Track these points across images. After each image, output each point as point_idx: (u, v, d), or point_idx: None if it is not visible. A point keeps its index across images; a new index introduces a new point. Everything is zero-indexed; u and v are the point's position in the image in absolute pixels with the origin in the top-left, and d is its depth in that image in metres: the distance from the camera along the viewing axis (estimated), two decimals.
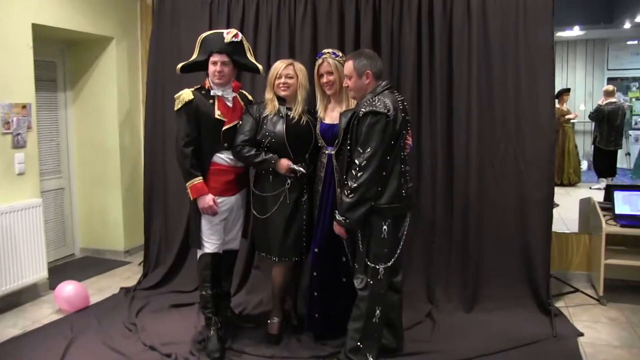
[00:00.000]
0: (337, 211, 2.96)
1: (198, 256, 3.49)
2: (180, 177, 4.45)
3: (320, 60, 3.35)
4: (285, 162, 3.31)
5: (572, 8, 4.15)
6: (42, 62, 4.97)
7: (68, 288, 4.06)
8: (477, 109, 4.02)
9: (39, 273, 4.32)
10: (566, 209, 4.49)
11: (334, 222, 2.98)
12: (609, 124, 6.91)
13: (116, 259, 5.35)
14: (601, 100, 7.23)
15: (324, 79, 3.33)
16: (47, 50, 5.06)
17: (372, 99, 2.89)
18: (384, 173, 2.86)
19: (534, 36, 3.94)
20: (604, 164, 7.12)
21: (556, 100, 7.34)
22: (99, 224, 5.48)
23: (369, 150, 2.79)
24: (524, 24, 3.94)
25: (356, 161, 2.82)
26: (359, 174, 2.80)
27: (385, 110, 2.81)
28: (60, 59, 5.34)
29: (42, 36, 4.58)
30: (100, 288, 4.57)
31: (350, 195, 2.83)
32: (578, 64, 8.53)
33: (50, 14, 4.48)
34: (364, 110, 2.85)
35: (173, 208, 4.72)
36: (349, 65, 2.99)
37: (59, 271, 4.90)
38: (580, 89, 8.31)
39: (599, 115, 7.08)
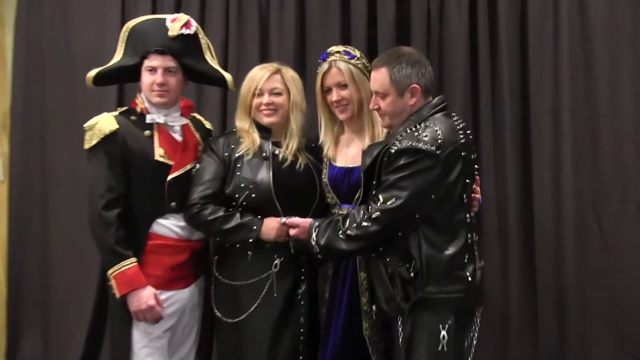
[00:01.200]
0: (315, 233, 3.21)
1: None
2: (75, 259, 4.78)
3: (325, 66, 3.54)
4: (273, 223, 3.44)
5: None
6: None
7: None
8: (570, 133, 4.34)
9: None
10: None
11: (296, 233, 3.34)
12: None
13: None
14: None
15: (334, 96, 3.51)
16: None
17: (414, 127, 3.08)
18: (415, 239, 3.05)
19: None
20: None
21: None
22: None
23: (392, 201, 2.99)
24: None
25: (370, 206, 3.06)
26: (363, 223, 3.04)
27: (432, 148, 2.96)
28: None
29: None
30: None
31: (342, 238, 3.12)
32: None
33: None
34: (398, 145, 3.02)
35: (60, 314, 4.85)
36: (380, 76, 3.15)
37: None
38: None
39: None
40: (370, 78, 3.36)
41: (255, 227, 3.42)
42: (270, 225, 3.42)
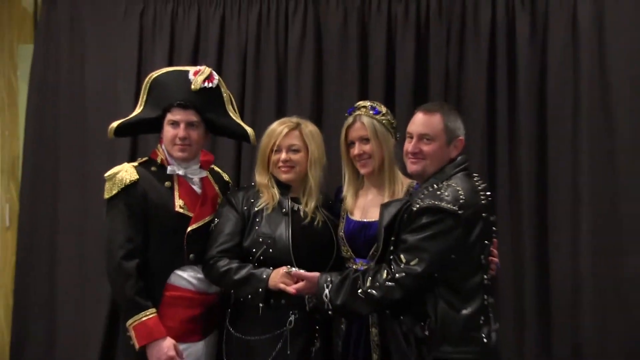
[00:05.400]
0: (327, 290, 3.29)
1: None
2: (82, 308, 5.05)
3: (350, 119, 3.70)
4: (280, 271, 3.51)
5: None
6: None
7: None
8: (589, 194, 4.47)
9: None
10: None
11: (301, 287, 3.41)
12: None
13: None
14: None
15: (356, 150, 3.66)
16: None
17: (437, 186, 3.24)
18: (439, 299, 3.19)
19: None
20: None
21: None
22: None
23: (415, 262, 3.14)
24: None
25: (393, 266, 3.18)
26: (388, 284, 3.17)
27: (455, 207, 3.13)
28: None
29: None
30: None
31: (361, 298, 3.21)
32: None
33: None
34: (420, 203, 3.18)
35: None
36: (435, 122, 3.34)
37: None
38: None
39: None
40: (393, 134, 3.70)
41: (264, 276, 3.50)
42: (280, 273, 3.48)
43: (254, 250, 3.65)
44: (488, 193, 3.36)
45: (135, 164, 3.77)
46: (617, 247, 4.51)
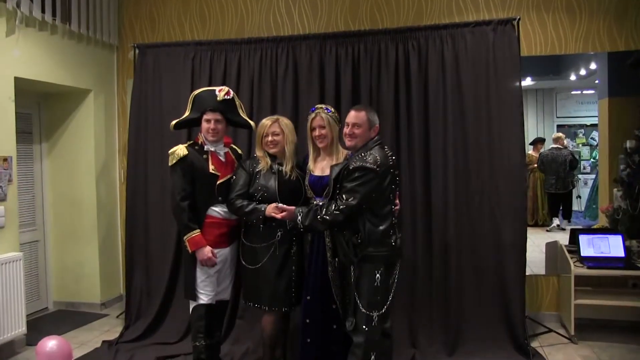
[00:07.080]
0: (300, 217, 3.11)
1: (191, 308, 3.51)
2: (163, 229, 4.60)
3: (313, 115, 3.42)
4: (272, 205, 3.33)
5: (524, 60, 4.39)
6: (18, 114, 4.61)
7: (51, 343, 3.70)
8: (453, 159, 4.21)
9: (17, 329, 4.17)
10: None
11: (285, 215, 3.19)
12: (551, 168, 7.28)
13: (92, 312, 5.23)
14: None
15: (316, 132, 3.39)
16: (23, 103, 4.88)
17: (363, 154, 3.04)
18: (366, 221, 3.03)
19: (503, 87, 4.14)
20: (554, 207, 7.41)
21: (531, 147, 7.49)
22: (73, 276, 5.36)
23: (351, 199, 2.97)
24: (494, 74, 4.16)
25: (338, 201, 3.03)
26: (335, 212, 3.00)
27: (375, 166, 2.97)
28: (36, 111, 5.28)
29: (19, 89, 4.47)
30: (81, 342, 4.43)
31: (319, 221, 3.05)
32: (530, 112, 8.80)
33: (31, 67, 4.51)
34: (354, 165, 3.01)
35: (155, 260, 4.71)
36: (362, 116, 3.14)
37: (34, 326, 4.66)
38: (533, 135, 8.68)
39: (540, 160, 7.45)
40: (337, 124, 3.42)
41: (262, 209, 3.33)
42: (271, 207, 3.29)
43: (255, 194, 3.43)
44: (394, 157, 3.19)
45: (186, 144, 3.54)
46: (468, 186, 4.26)
